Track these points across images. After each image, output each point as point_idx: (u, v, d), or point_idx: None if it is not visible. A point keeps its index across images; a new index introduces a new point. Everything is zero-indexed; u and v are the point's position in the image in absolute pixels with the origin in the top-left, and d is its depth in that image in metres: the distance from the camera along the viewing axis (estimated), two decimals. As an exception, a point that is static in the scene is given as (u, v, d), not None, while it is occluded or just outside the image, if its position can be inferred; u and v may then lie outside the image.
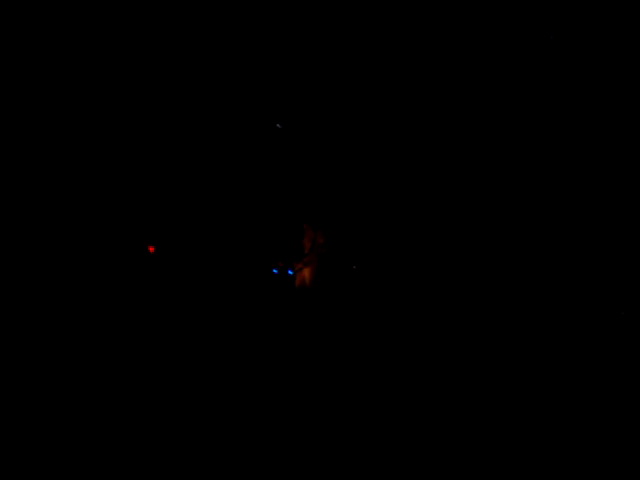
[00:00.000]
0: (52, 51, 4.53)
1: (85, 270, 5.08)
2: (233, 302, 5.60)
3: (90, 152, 4.99)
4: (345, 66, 5.86)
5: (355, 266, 6.23)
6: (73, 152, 4.91)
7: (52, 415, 2.49)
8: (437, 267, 6.11)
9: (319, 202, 6.04)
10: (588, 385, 3.11)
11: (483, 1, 5.42)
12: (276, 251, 5.91)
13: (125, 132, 5.46)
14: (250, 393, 3.02)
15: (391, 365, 3.68)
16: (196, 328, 4.99)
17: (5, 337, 3.69)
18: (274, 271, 6.24)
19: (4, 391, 2.75)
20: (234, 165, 5.91)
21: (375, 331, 5.21)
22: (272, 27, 5.59)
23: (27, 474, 1.94)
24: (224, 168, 5.84)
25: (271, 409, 2.75)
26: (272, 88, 5.91)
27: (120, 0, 4.57)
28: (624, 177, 5.08)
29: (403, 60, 5.80)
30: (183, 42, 5.16)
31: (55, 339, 3.88)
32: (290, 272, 5.96)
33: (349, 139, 6.16)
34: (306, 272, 5.93)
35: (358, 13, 5.62)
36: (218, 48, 5.57)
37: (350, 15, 5.63)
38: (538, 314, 4.80)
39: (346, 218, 6.10)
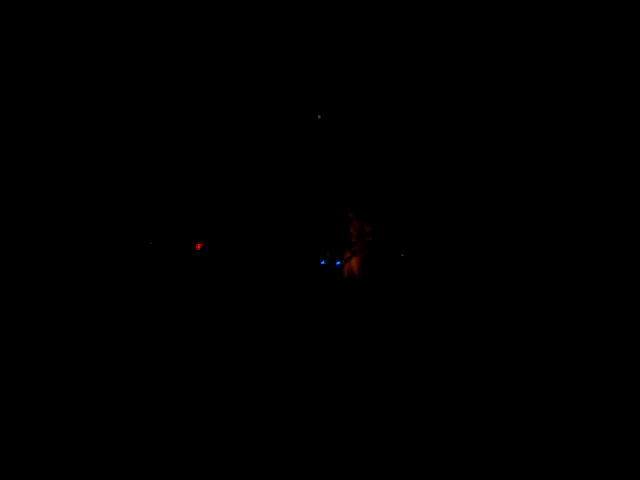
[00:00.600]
0: (52, 51, 4.60)
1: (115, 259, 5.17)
2: (280, 293, 5.62)
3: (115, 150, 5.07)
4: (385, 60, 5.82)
5: (403, 254, 6.13)
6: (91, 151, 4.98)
7: (52, 415, 2.48)
8: (484, 257, 5.97)
9: (364, 191, 5.99)
10: (588, 385, 3.00)
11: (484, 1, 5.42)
12: (323, 241, 5.89)
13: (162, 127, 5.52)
14: (291, 383, 3.00)
15: (442, 358, 3.59)
16: (240, 318, 5.03)
17: (6, 337, 3.75)
18: (322, 262, 6.21)
19: (4, 391, 2.76)
20: (280, 156, 5.93)
21: (423, 324, 5.10)
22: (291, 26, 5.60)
23: (27, 474, 1.93)
24: (270, 159, 5.86)
25: (315, 399, 2.72)
26: (312, 82, 5.90)
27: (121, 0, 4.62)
28: (624, 177, 4.97)
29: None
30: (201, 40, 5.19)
31: (67, 337, 3.93)
32: (338, 263, 5.92)
33: (394, 130, 6.10)
34: (354, 262, 5.88)
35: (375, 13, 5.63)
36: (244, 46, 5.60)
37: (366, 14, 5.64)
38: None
39: (392, 206, 6.02)
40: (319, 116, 6.54)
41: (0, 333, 3.85)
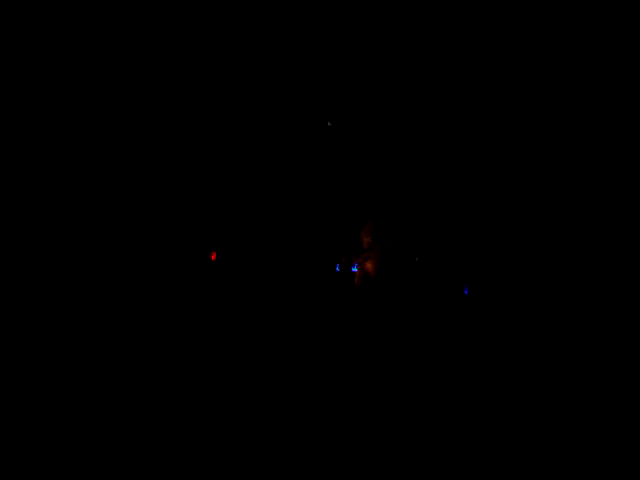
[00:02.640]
0: (53, 52, 4.62)
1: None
2: (292, 301, 5.59)
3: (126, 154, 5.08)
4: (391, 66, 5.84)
5: (417, 258, 6.08)
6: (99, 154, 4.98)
7: (52, 415, 2.49)
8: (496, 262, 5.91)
9: (380, 195, 5.97)
10: (588, 385, 2.95)
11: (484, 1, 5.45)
12: (337, 247, 5.86)
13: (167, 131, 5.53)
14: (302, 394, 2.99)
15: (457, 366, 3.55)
16: (252, 327, 5.02)
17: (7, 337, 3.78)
18: (337, 268, 6.19)
19: (4, 391, 2.76)
20: (297, 162, 5.93)
21: (437, 329, 5.06)
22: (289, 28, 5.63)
23: (27, 474, 1.94)
24: (288, 165, 5.86)
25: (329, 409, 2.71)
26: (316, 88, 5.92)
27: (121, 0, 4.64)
28: (624, 177, 4.91)
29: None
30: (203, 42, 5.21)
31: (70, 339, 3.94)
32: (354, 269, 5.90)
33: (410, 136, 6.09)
34: (369, 267, 5.85)
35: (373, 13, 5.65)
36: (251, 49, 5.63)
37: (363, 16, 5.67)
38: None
39: (407, 211, 5.99)
40: (329, 123, 6.56)
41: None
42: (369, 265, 5.81)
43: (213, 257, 6.09)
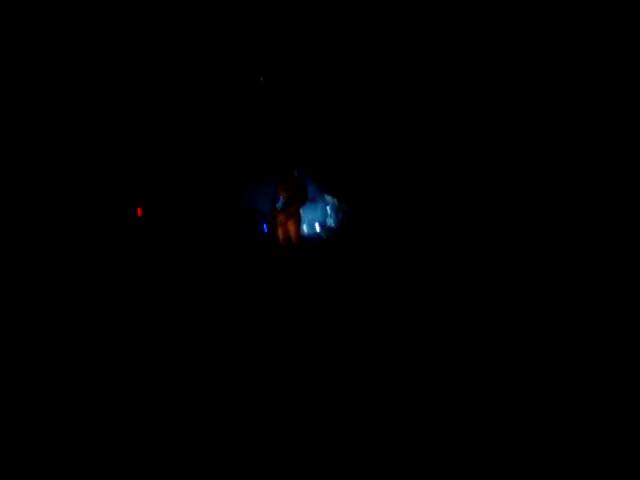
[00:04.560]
0: (52, 51, 4.64)
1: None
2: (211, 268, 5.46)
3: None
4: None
5: (367, 230, 5.78)
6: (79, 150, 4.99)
7: (52, 415, 2.51)
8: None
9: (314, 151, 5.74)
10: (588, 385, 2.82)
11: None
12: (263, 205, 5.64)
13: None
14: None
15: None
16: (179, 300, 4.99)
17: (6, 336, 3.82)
18: (264, 229, 6.04)
19: (4, 391, 2.78)
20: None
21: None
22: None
23: (27, 474, 1.96)
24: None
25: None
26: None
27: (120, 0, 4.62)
28: (624, 177, 4.73)
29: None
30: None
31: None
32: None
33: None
34: (291, 227, 5.64)
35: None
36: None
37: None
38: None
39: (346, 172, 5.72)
40: (262, 78, 6.42)
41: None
42: (291, 225, 5.62)
43: (140, 213, 6.12)
